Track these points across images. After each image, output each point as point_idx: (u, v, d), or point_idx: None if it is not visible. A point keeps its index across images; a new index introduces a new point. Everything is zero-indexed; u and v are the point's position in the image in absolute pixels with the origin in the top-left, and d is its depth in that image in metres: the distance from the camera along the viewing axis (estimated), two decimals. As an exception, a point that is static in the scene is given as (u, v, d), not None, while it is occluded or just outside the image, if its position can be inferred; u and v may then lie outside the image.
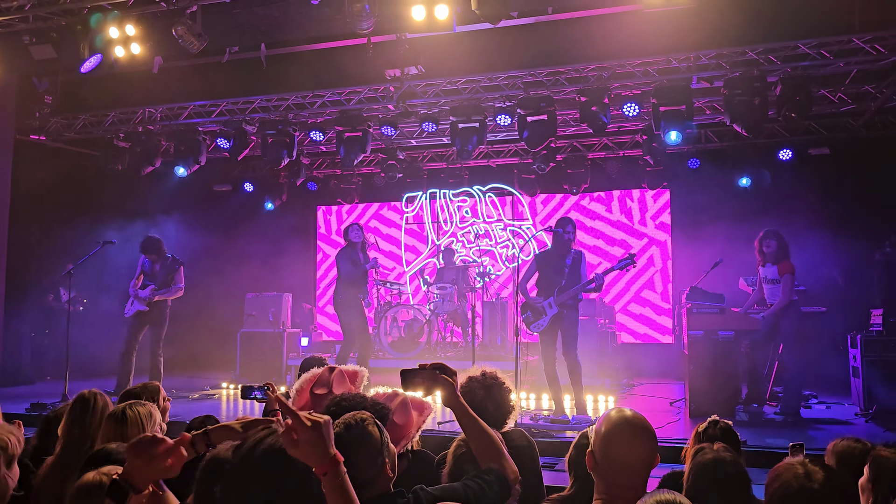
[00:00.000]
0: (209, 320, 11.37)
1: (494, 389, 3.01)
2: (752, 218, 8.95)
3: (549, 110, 8.31)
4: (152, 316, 8.12)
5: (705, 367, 6.86)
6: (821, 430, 6.29)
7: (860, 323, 7.54)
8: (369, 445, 2.05)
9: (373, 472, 2.04)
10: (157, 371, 8.03)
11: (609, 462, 2.02)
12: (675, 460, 5.21)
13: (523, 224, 11.64)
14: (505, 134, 10.05)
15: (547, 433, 5.95)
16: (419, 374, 2.32)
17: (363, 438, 2.05)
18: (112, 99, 9.46)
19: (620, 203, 11.24)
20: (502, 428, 2.98)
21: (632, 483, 2.00)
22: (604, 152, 10.86)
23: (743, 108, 7.57)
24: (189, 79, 8.90)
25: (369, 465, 2.03)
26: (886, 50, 7.30)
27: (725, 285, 7.97)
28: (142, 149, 9.77)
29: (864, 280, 8.97)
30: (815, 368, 7.55)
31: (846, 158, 9.52)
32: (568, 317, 6.74)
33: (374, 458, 2.05)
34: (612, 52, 7.90)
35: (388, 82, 8.32)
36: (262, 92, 9.18)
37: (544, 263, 6.90)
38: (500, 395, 3.01)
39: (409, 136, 10.73)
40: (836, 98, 8.85)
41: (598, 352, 8.71)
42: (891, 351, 6.84)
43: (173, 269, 8.16)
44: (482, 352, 9.32)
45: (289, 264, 11.95)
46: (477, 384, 3.00)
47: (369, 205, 12.34)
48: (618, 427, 2.05)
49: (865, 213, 9.18)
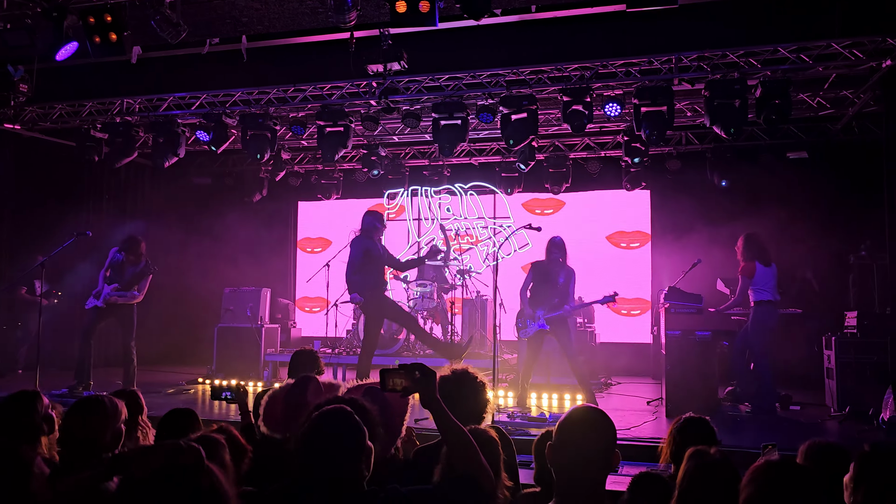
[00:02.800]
0: (186, 315, 11.27)
1: (466, 385, 3.01)
2: (730, 219, 9.04)
3: (531, 109, 8.31)
4: (117, 314, 8.03)
5: (683, 367, 6.91)
6: (794, 431, 6.34)
7: (835, 324, 7.63)
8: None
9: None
10: (129, 369, 7.93)
11: (564, 452, 2.02)
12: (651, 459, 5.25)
13: (504, 222, 11.65)
14: (487, 132, 10.04)
15: (525, 431, 5.95)
16: (398, 373, 2.30)
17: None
18: (89, 89, 9.32)
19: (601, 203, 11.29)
20: (479, 423, 2.98)
21: (586, 476, 2.00)
22: (585, 152, 10.90)
23: (723, 110, 7.62)
24: (168, 70, 8.80)
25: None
26: (865, 55, 7.38)
27: (703, 286, 8.02)
28: (119, 140, 9.63)
29: (839, 283, 9.09)
30: (790, 370, 7.63)
31: (824, 162, 9.63)
32: (558, 331, 7.16)
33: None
34: (594, 52, 7.92)
35: (371, 77, 8.27)
36: (242, 85, 9.08)
37: (540, 274, 7.22)
38: (472, 391, 3.01)
39: (392, 132, 10.69)
40: (814, 102, 8.94)
41: (577, 351, 8.70)
42: (864, 353, 6.92)
43: (142, 275, 8.01)
44: (461, 349, 9.31)
45: (268, 259, 11.87)
46: (449, 382, 3.00)
47: (350, 200, 12.28)
48: (573, 417, 2.09)
49: (841, 217, 9.29)
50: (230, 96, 9.30)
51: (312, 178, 11.92)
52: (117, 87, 9.29)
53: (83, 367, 7.90)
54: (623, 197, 11.12)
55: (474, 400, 3.03)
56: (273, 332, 10.13)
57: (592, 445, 2.02)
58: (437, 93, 8.73)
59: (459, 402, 2.88)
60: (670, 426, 3.01)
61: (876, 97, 8.28)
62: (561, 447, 2.04)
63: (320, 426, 2.05)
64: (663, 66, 7.93)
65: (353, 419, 2.08)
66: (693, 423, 2.94)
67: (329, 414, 2.09)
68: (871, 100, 8.46)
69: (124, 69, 8.13)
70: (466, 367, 3.11)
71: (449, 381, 3.02)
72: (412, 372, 2.29)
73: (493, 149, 11.29)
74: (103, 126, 9.68)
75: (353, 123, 9.27)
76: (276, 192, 11.87)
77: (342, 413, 2.09)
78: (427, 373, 2.29)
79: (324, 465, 2.00)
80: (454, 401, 2.87)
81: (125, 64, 7.84)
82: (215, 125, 9.29)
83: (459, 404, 2.86)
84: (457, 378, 3.05)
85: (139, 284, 8.01)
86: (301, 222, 12.75)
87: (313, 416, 2.09)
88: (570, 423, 2.08)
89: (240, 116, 9.35)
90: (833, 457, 2.55)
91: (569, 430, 2.06)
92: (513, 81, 8.42)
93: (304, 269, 12.31)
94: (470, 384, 3.04)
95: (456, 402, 2.87)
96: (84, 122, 9.77)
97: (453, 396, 2.90)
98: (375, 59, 7.74)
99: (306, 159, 12.01)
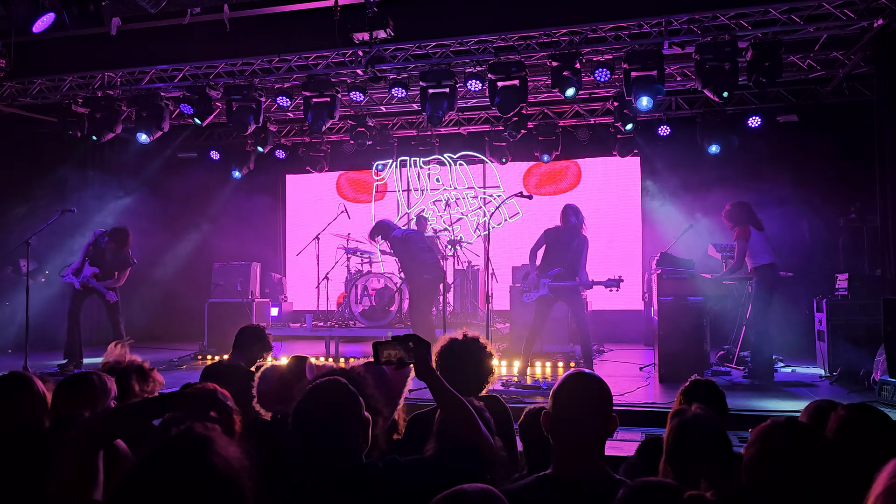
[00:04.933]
0: (176, 290, 11.19)
1: (475, 352, 3.01)
2: (721, 185, 9.02)
3: (521, 76, 8.20)
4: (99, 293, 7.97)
5: (675, 333, 6.92)
6: (786, 393, 6.39)
7: (826, 287, 7.66)
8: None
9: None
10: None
11: (561, 418, 2.00)
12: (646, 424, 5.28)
13: (494, 191, 11.59)
14: (476, 100, 9.92)
15: (518, 399, 5.96)
16: (391, 345, 2.26)
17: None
18: (69, 62, 9.12)
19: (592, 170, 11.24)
20: (480, 392, 2.97)
21: (585, 441, 1.98)
22: (575, 119, 10.82)
23: (714, 73, 7.54)
24: (150, 41, 8.62)
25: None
26: (856, 15, 7.30)
27: (694, 252, 8.02)
28: (102, 115, 9.45)
29: (829, 245, 9.11)
30: (781, 332, 7.66)
31: (813, 125, 9.59)
32: (570, 300, 7.08)
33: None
34: (583, 16, 7.81)
35: (357, 46, 8.13)
36: (226, 56, 8.91)
37: (553, 240, 7.08)
38: (480, 358, 3.01)
39: (379, 102, 10.55)
40: (805, 64, 8.87)
41: (569, 319, 8.72)
42: (855, 314, 6.96)
43: (123, 265, 7.97)
44: (453, 320, 9.31)
45: (257, 233, 11.77)
46: (458, 345, 3.03)
47: (338, 172, 12.15)
48: (568, 381, 2.07)
49: (831, 180, 9.28)
50: (213, 68, 9.13)
51: (300, 150, 11.79)
52: (97, 60, 9.09)
53: (72, 345, 7.86)
54: (614, 164, 11.07)
55: (479, 367, 3.03)
56: (264, 306, 10.08)
57: (590, 410, 2.00)
58: (424, 60, 8.60)
59: (465, 367, 2.90)
60: (678, 391, 2.98)
61: (867, 58, 8.21)
62: (558, 413, 2.01)
63: (316, 396, 2.02)
64: (653, 30, 7.83)
65: (348, 389, 2.05)
66: (700, 386, 2.92)
67: (325, 385, 2.06)
68: (861, 61, 8.40)
69: (104, 41, 7.94)
70: (478, 335, 3.11)
71: (457, 343, 3.04)
72: (405, 343, 2.25)
73: (482, 118, 11.18)
74: (85, 100, 9.49)
75: (339, 94, 9.13)
76: (263, 165, 11.74)
77: (337, 384, 2.06)
78: (421, 343, 2.25)
79: (321, 436, 1.97)
80: (459, 365, 2.89)
81: (105, 36, 7.66)
82: (199, 98, 9.13)
83: (464, 369, 2.87)
84: (465, 343, 3.05)
85: (119, 273, 7.95)
86: (290, 195, 12.64)
87: (308, 387, 2.06)
88: (566, 388, 2.05)
89: (224, 88, 9.19)
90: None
91: (566, 396, 2.03)
92: (501, 48, 8.29)
93: (294, 243, 12.23)
94: (478, 351, 3.05)
95: (462, 366, 2.89)
96: (65, 97, 9.58)
97: (460, 360, 2.92)
98: (361, 27, 7.60)
99: (293, 132, 11.86)
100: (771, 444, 1.80)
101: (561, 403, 2.02)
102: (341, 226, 10.66)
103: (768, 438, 1.82)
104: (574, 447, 1.98)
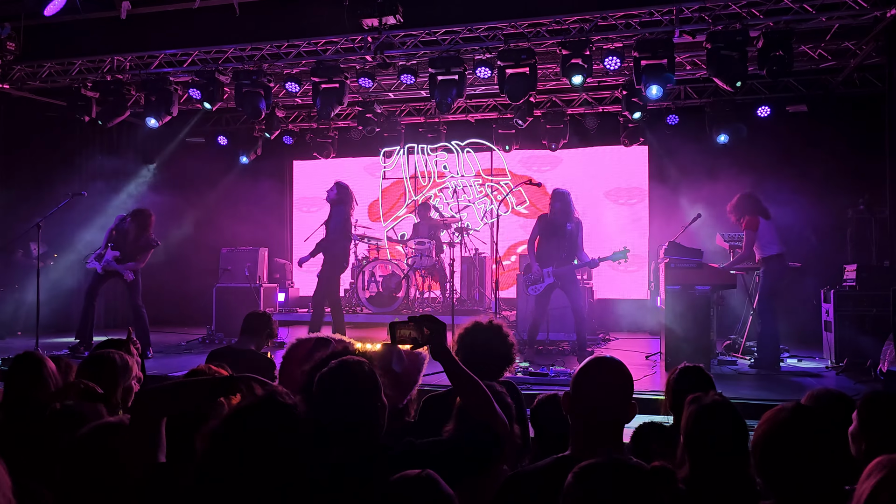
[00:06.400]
0: (184, 275, 11.24)
1: (498, 338, 3.08)
2: (729, 174, 8.99)
3: (530, 63, 8.18)
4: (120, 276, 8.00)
5: (681, 322, 6.92)
6: (792, 383, 6.41)
7: (833, 278, 7.65)
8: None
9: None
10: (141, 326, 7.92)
11: (584, 399, 2.03)
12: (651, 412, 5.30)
13: (501, 179, 11.58)
14: (484, 87, 9.91)
15: (527, 386, 5.98)
16: (408, 326, 2.28)
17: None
18: (78, 46, 9.12)
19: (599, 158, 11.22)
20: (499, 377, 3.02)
21: (607, 421, 2.01)
22: (583, 108, 10.79)
23: (726, 62, 7.50)
24: (159, 26, 8.61)
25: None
26: (869, 4, 7.25)
27: (702, 241, 8.02)
28: (111, 99, 9.46)
29: (838, 236, 9.11)
30: (788, 323, 7.68)
31: (823, 116, 9.54)
32: (566, 286, 7.15)
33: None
34: (594, 3, 7.77)
35: (366, 32, 8.11)
36: (235, 41, 8.88)
37: (547, 228, 7.07)
38: (501, 345, 3.08)
39: (387, 88, 10.54)
40: (815, 54, 8.83)
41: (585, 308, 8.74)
42: (862, 305, 6.96)
43: (145, 248, 7.96)
44: (460, 307, 9.34)
45: (264, 219, 11.79)
46: (483, 328, 3.10)
47: (346, 159, 12.16)
48: (591, 364, 2.12)
49: (840, 171, 9.25)
50: (223, 53, 9.13)
51: (307, 136, 11.80)
52: (107, 45, 9.09)
53: (85, 327, 7.89)
54: (621, 153, 11.05)
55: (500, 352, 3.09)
56: (271, 291, 10.13)
57: (612, 392, 2.04)
58: (433, 47, 8.58)
59: (486, 352, 2.95)
60: (667, 378, 3.03)
61: (878, 48, 8.16)
62: (580, 394, 2.05)
63: (338, 372, 2.05)
64: (664, 18, 7.79)
65: (367, 366, 2.09)
66: (689, 372, 2.96)
67: (345, 362, 2.09)
68: (873, 51, 8.35)
69: (114, 26, 7.95)
70: (502, 322, 3.16)
71: (481, 327, 3.10)
72: (421, 324, 2.28)
73: (489, 105, 11.16)
74: (94, 84, 9.50)
75: (348, 80, 9.12)
76: (270, 150, 11.76)
77: (357, 362, 2.10)
78: (437, 324, 2.28)
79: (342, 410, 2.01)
80: (480, 349, 2.94)
81: (115, 20, 7.66)
82: (208, 82, 9.13)
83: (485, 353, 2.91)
84: (490, 328, 3.11)
85: (140, 256, 7.95)
86: (297, 181, 12.65)
87: (331, 363, 2.09)
88: (590, 370, 2.09)
89: (233, 73, 9.19)
90: (837, 403, 2.58)
91: (589, 378, 2.07)
92: (510, 35, 8.26)
93: (301, 229, 12.24)
94: (501, 337, 3.11)
95: (483, 350, 2.94)
96: (74, 81, 9.59)
97: (483, 344, 3.01)
98: (370, 13, 7.58)
99: (301, 117, 11.86)
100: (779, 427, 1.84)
101: (583, 386, 2.06)
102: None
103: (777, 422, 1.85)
104: (593, 430, 2.01)
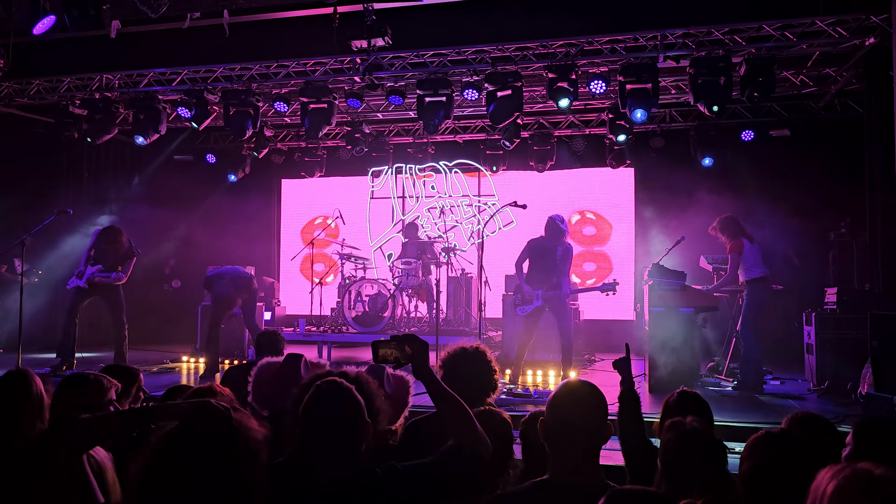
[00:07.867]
0: (169, 293, 11.19)
1: (480, 364, 3.10)
2: (713, 197, 9.09)
3: (516, 86, 8.27)
4: (102, 293, 7.96)
5: (665, 343, 6.97)
6: (774, 405, 6.45)
7: (815, 301, 7.73)
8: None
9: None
10: (121, 346, 7.89)
11: (557, 425, 2.04)
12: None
13: (489, 200, 11.65)
14: (472, 109, 10.00)
15: (510, 406, 5.99)
16: (390, 345, 2.30)
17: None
18: (67, 64, 9.14)
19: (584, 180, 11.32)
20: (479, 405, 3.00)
21: (580, 448, 2.02)
22: (570, 130, 10.90)
23: (707, 87, 7.63)
24: (148, 45, 8.64)
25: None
26: (848, 33, 7.41)
27: (686, 264, 8.08)
28: (99, 116, 9.47)
29: (819, 259, 9.21)
30: (771, 345, 7.73)
31: (806, 140, 9.70)
32: (556, 309, 7.19)
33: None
34: (580, 29, 7.89)
35: (355, 53, 8.18)
36: (224, 60, 8.94)
37: (536, 252, 7.14)
38: (484, 371, 3.10)
39: (376, 109, 10.61)
40: (797, 80, 8.99)
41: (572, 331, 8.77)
42: (844, 328, 7.01)
43: (126, 257, 7.94)
44: (446, 327, 9.33)
45: (251, 237, 11.78)
46: (467, 354, 3.11)
47: (334, 178, 12.19)
48: (564, 389, 2.13)
49: (822, 195, 9.37)
50: (212, 72, 9.17)
51: (296, 155, 11.83)
52: (96, 63, 9.11)
53: (67, 346, 7.84)
54: (607, 175, 11.16)
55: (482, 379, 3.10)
56: (258, 310, 10.06)
57: (586, 417, 2.05)
58: (421, 69, 8.67)
59: (468, 377, 2.95)
60: (664, 401, 3.04)
61: (858, 75, 8.33)
62: (554, 420, 2.06)
63: (325, 397, 2.06)
64: (649, 43, 7.92)
65: (354, 392, 2.10)
66: (686, 398, 2.98)
67: (334, 386, 2.10)
68: (853, 78, 8.52)
69: (103, 44, 7.95)
70: (486, 349, 3.17)
71: (466, 353, 3.12)
72: (403, 343, 2.30)
73: (477, 126, 11.26)
74: (82, 102, 9.52)
75: (336, 100, 9.18)
76: (258, 169, 11.78)
77: (345, 386, 2.11)
78: (418, 343, 2.30)
79: (325, 437, 2.01)
80: (462, 374, 2.94)
81: (104, 38, 7.67)
82: (197, 101, 9.17)
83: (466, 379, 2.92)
84: (474, 354, 3.12)
85: (123, 266, 7.93)
86: (285, 200, 12.66)
87: (314, 386, 2.10)
88: (562, 396, 2.10)
89: (222, 92, 9.23)
90: (816, 427, 2.61)
91: (562, 404, 2.07)
92: (498, 58, 8.37)
93: (288, 248, 12.25)
94: (484, 364, 3.13)
95: (465, 375, 2.95)
96: (62, 98, 9.60)
97: (465, 369, 3.02)
98: (359, 34, 7.65)
99: (289, 136, 11.90)
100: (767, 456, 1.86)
101: (557, 410, 2.07)
102: (336, 231, 10.68)
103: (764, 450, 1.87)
104: (570, 453, 2.02)
